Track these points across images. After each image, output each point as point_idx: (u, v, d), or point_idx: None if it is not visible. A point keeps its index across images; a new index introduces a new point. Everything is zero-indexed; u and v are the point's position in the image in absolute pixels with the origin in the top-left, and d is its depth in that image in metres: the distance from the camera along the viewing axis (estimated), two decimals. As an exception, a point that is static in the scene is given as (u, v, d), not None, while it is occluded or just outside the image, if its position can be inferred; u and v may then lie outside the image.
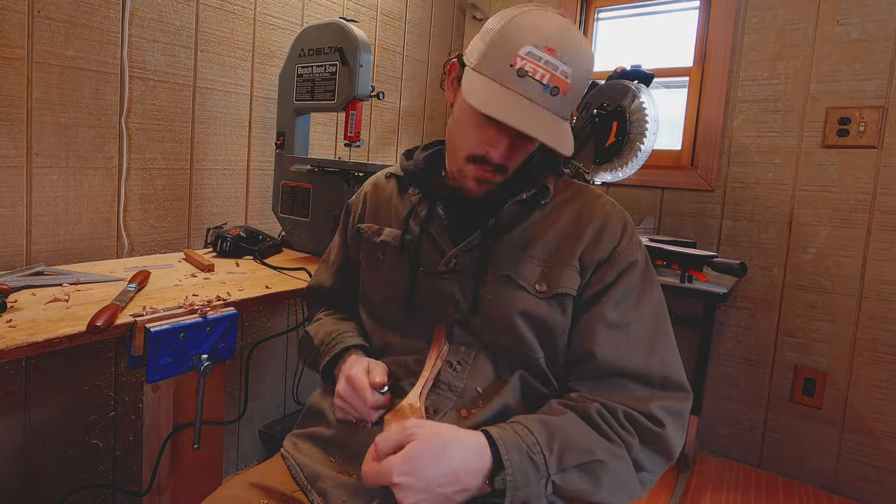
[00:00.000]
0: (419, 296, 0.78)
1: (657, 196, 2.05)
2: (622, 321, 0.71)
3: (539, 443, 0.61)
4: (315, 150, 1.79)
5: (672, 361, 0.71)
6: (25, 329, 0.76)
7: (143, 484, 0.99)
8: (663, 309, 0.75)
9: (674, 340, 0.74)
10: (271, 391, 1.78)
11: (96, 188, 1.26)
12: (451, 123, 0.79)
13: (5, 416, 1.15)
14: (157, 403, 0.97)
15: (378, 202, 0.90)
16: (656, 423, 0.67)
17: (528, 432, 0.62)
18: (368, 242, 0.87)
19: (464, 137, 0.75)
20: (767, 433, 1.89)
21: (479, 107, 0.68)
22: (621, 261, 0.73)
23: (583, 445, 0.63)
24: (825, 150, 1.75)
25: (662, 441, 0.67)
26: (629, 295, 0.72)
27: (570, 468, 0.61)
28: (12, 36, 1.09)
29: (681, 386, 0.71)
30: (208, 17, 1.43)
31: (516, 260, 0.74)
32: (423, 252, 0.79)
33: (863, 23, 1.67)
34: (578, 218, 0.76)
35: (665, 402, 0.68)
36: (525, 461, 0.60)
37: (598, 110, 1.71)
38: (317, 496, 0.69)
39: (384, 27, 2.02)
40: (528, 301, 0.72)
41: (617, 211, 0.78)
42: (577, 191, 0.81)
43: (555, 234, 0.76)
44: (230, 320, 0.93)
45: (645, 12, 2.20)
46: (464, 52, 0.78)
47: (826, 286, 1.77)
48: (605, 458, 0.63)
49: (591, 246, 0.74)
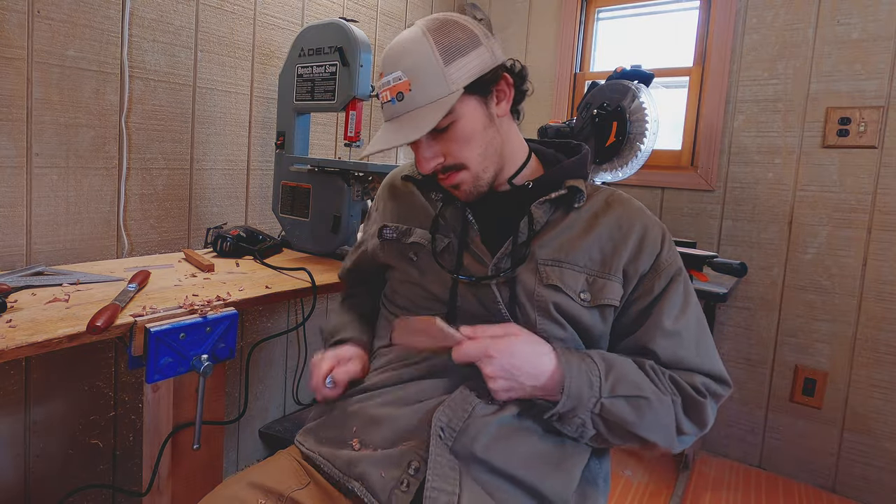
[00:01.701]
0: (461, 303, 0.79)
1: (657, 196, 2.05)
2: (675, 329, 0.75)
3: (599, 368, 0.70)
4: (315, 150, 1.79)
5: (717, 360, 0.78)
6: (25, 329, 0.76)
7: (143, 484, 0.99)
8: (702, 313, 0.80)
9: (713, 342, 0.80)
10: (271, 391, 1.78)
11: (96, 188, 1.26)
12: None
13: (5, 416, 1.15)
14: (157, 403, 0.97)
15: (399, 201, 0.91)
16: (699, 393, 0.73)
17: (591, 360, 0.71)
18: (398, 242, 0.86)
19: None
20: (767, 433, 1.89)
21: (364, 152, 0.81)
22: (667, 270, 0.78)
23: (635, 381, 0.70)
24: (825, 150, 1.75)
25: (701, 409, 0.73)
26: (678, 302, 0.77)
27: (619, 396, 0.69)
28: (12, 36, 1.09)
29: (724, 379, 0.77)
30: (208, 17, 1.44)
31: (560, 269, 0.76)
32: (464, 263, 0.80)
33: (863, 23, 1.67)
34: (619, 227, 0.78)
35: (708, 382, 0.75)
36: (583, 379, 0.69)
37: (598, 110, 1.71)
38: (356, 482, 0.69)
39: (384, 27, 2.02)
40: (570, 306, 0.75)
41: (652, 219, 0.81)
42: (612, 198, 0.82)
43: (595, 242, 0.77)
44: (230, 320, 0.93)
45: (645, 12, 2.20)
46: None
47: (826, 286, 1.77)
48: (652, 398, 0.70)
49: (634, 257, 0.77)
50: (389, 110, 0.78)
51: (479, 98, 0.77)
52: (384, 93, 0.77)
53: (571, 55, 2.23)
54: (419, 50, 0.75)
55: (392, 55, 0.77)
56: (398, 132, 0.76)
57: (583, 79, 2.22)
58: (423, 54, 0.74)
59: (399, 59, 0.76)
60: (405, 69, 0.75)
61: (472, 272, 0.78)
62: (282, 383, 1.82)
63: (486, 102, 0.78)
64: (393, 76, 0.76)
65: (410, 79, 0.74)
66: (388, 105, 0.77)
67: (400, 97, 0.75)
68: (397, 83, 0.75)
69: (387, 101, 0.77)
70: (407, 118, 0.76)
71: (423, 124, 0.74)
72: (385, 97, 0.77)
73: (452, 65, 0.74)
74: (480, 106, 0.77)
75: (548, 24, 2.30)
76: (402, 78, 0.75)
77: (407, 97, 0.75)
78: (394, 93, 0.76)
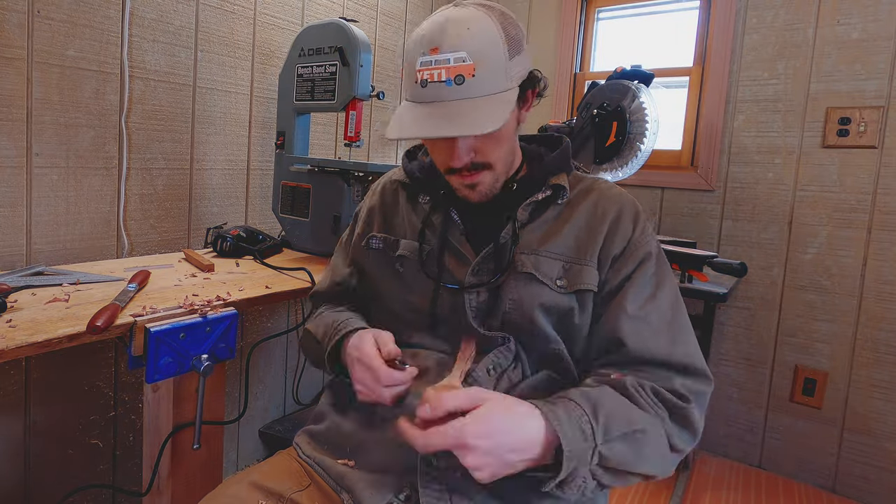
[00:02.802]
0: (442, 309, 0.78)
1: (657, 196, 2.05)
2: (641, 314, 0.72)
3: (587, 413, 0.62)
4: (315, 150, 1.79)
5: (693, 350, 0.73)
6: (25, 329, 0.76)
7: (143, 484, 0.99)
8: (679, 298, 0.76)
9: (691, 329, 0.75)
10: (271, 391, 1.78)
11: (96, 188, 1.26)
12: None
13: (5, 416, 1.15)
14: (157, 403, 0.97)
15: (388, 209, 0.89)
16: (682, 399, 0.68)
17: (576, 404, 0.63)
18: (384, 254, 0.85)
19: (433, 158, 0.79)
20: (767, 433, 1.89)
21: (388, 134, 0.71)
22: (636, 253, 0.75)
23: (625, 415, 0.64)
24: (825, 150, 1.75)
25: (689, 417, 0.68)
26: (646, 286, 0.74)
27: (615, 438, 0.62)
28: (12, 36, 1.09)
29: (703, 372, 0.72)
30: (208, 17, 1.43)
31: (536, 257, 0.75)
32: (444, 264, 0.79)
33: (863, 23, 1.67)
34: (594, 212, 0.77)
35: (688, 382, 0.70)
36: (576, 431, 0.60)
37: (598, 110, 1.71)
38: (346, 494, 0.70)
39: (384, 27, 2.02)
40: (549, 295, 0.73)
41: (629, 202, 0.79)
42: (590, 185, 0.81)
43: (572, 229, 0.76)
44: (230, 320, 0.93)
45: (645, 12, 2.20)
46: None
47: (826, 286, 1.76)
48: (647, 427, 0.64)
49: (608, 241, 0.75)
50: (437, 92, 0.69)
51: (518, 100, 0.74)
52: (436, 71, 0.68)
53: (571, 55, 2.23)
54: (489, 34, 0.69)
55: (453, 31, 0.68)
56: (451, 121, 0.68)
57: (583, 79, 2.22)
58: (493, 41, 0.68)
59: (465, 37, 0.68)
60: (472, 51, 0.67)
61: (455, 274, 0.77)
62: (282, 383, 1.82)
63: (520, 106, 0.76)
64: (455, 55, 0.67)
65: (476, 63, 0.67)
66: (438, 86, 0.68)
67: (460, 80, 0.68)
68: (460, 64, 0.67)
69: (437, 80, 0.68)
70: (460, 106, 0.68)
71: (486, 119, 0.67)
72: (437, 76, 0.68)
73: (514, 59, 0.70)
74: (516, 108, 0.74)
75: (548, 24, 2.30)
76: (466, 60, 0.67)
77: (468, 82, 0.68)
78: (452, 74, 0.68)
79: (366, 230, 0.89)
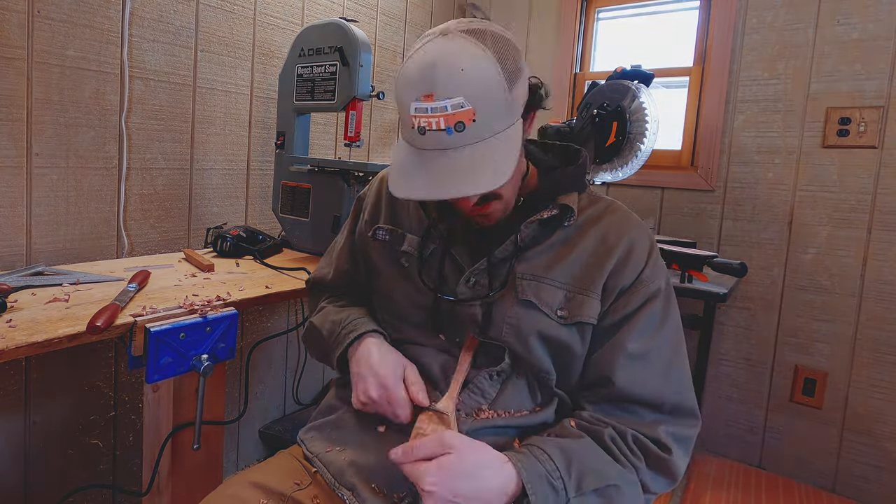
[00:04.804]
0: (442, 314, 0.78)
1: (657, 196, 2.05)
2: (642, 351, 0.70)
3: (559, 468, 0.62)
4: (315, 150, 1.79)
5: (685, 389, 0.72)
6: (25, 329, 0.76)
7: (143, 484, 0.99)
8: (680, 335, 0.75)
9: (688, 366, 0.74)
10: (271, 391, 1.78)
11: (96, 188, 1.26)
12: None
13: (5, 416, 1.15)
14: (157, 403, 0.97)
15: (395, 200, 0.86)
16: (663, 449, 0.68)
17: (549, 458, 0.63)
18: (390, 247, 0.84)
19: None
20: (767, 433, 1.89)
21: (395, 192, 0.66)
22: (645, 289, 0.72)
23: (599, 470, 0.64)
24: (825, 150, 1.75)
25: (668, 466, 0.68)
26: (650, 324, 0.72)
27: (588, 492, 0.63)
28: (12, 36, 1.09)
29: (691, 413, 0.72)
30: (208, 17, 1.43)
31: (538, 284, 0.73)
32: (444, 273, 0.78)
33: (863, 23, 1.67)
34: (604, 240, 0.74)
35: (674, 427, 0.70)
36: (546, 487, 0.61)
37: (598, 110, 1.71)
38: (346, 491, 0.70)
39: (384, 27, 2.02)
40: (548, 324, 0.72)
41: (643, 232, 0.76)
42: (603, 209, 0.78)
43: (579, 256, 0.74)
44: (230, 320, 0.93)
45: (645, 12, 2.20)
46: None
47: (826, 286, 1.76)
48: (620, 484, 0.65)
49: (616, 272, 0.72)
50: (437, 139, 0.64)
51: (521, 123, 0.69)
52: (433, 119, 0.62)
53: (571, 55, 2.23)
54: (485, 72, 0.62)
55: (446, 75, 0.61)
56: (457, 177, 0.63)
57: (583, 79, 2.22)
58: (491, 79, 0.62)
59: (459, 81, 0.61)
60: (470, 95, 0.61)
61: (452, 283, 0.77)
62: (282, 383, 1.82)
63: (525, 122, 0.70)
64: (452, 102, 0.61)
65: (476, 107, 0.62)
66: (438, 134, 0.63)
67: (461, 128, 0.62)
68: (458, 111, 0.61)
69: (436, 129, 0.63)
70: (464, 156, 0.63)
71: (493, 174, 0.63)
72: (436, 124, 0.62)
73: (514, 88, 0.64)
74: (520, 131, 0.68)
75: (548, 24, 2.30)
76: (464, 105, 0.61)
77: (469, 129, 0.62)
78: (452, 122, 0.62)
79: (372, 219, 0.88)
